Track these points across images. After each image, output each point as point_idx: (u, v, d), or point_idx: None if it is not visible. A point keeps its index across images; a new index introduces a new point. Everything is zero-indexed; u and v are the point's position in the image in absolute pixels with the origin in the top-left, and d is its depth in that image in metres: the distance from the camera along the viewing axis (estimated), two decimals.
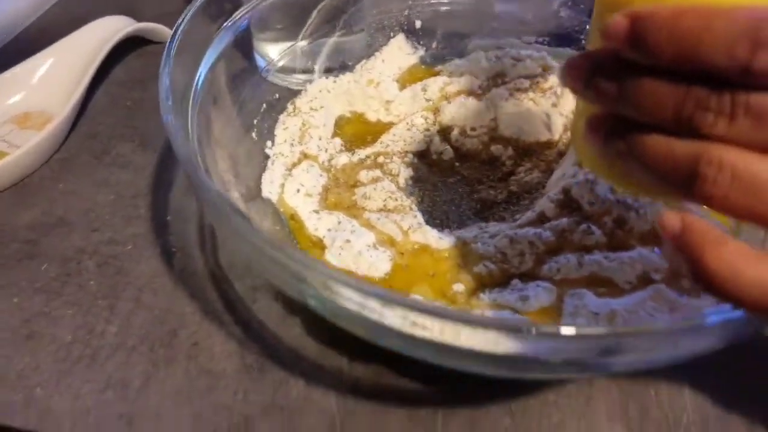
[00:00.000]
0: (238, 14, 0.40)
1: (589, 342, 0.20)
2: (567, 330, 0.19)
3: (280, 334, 0.35)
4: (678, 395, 0.33)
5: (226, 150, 0.33)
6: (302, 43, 0.45)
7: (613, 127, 0.22)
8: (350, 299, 0.22)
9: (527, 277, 0.32)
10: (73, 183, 0.44)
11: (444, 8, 0.47)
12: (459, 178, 0.39)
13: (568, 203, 0.34)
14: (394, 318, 0.21)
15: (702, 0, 0.19)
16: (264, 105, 0.40)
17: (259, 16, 0.42)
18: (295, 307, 0.36)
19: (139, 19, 0.57)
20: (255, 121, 0.39)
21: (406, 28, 0.47)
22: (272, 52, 0.45)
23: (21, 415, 0.32)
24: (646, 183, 0.22)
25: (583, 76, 0.21)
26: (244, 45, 0.40)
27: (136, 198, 0.43)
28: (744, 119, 0.18)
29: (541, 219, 0.34)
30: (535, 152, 0.40)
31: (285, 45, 0.45)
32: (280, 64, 0.45)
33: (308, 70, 0.45)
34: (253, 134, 0.39)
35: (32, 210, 0.42)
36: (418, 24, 0.47)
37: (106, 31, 0.52)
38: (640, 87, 0.20)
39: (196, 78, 0.34)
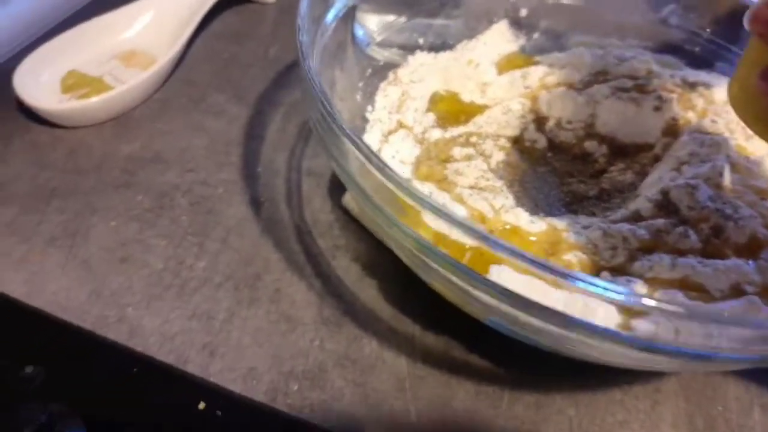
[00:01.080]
0: None
1: None
2: None
3: (357, 293, 0.36)
4: (747, 414, 0.33)
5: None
6: (403, 19, 0.46)
7: None
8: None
9: (617, 271, 0.32)
10: (169, 123, 0.46)
11: (550, 0, 0.47)
12: (549, 168, 0.40)
13: (665, 205, 0.34)
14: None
15: None
16: (369, 69, 0.41)
17: None
18: (372, 269, 0.37)
19: None
20: (360, 84, 0.40)
21: (510, 14, 0.47)
22: (372, 23, 0.46)
23: (113, 329, 0.34)
24: None
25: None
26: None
27: (228, 146, 0.44)
28: None
29: (636, 218, 0.34)
30: (629, 153, 0.40)
31: (386, 18, 0.46)
32: (380, 37, 0.45)
33: (406, 47, 0.46)
34: (358, 96, 0.40)
35: (132, 143, 0.44)
36: (523, 12, 0.47)
37: None
38: None
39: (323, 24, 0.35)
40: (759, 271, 0.31)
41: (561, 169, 0.39)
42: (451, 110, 0.43)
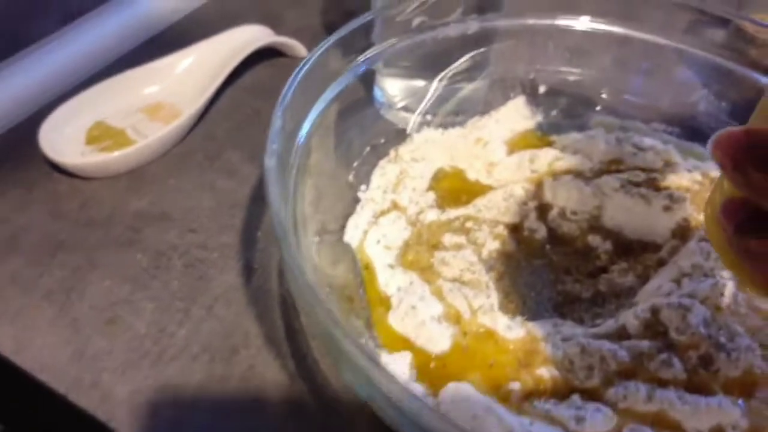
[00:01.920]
0: (369, 53, 0.40)
1: None
2: None
3: (330, 378, 0.36)
4: None
5: (317, 183, 0.33)
6: (422, 83, 0.45)
7: (749, 219, 0.19)
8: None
9: (589, 395, 0.30)
10: (182, 180, 0.47)
11: (572, 77, 0.45)
12: (546, 262, 0.38)
13: (654, 325, 0.31)
14: None
15: None
16: (368, 148, 0.41)
17: (389, 54, 0.43)
18: None
19: (279, 29, 0.59)
20: (355, 164, 0.40)
21: (528, 91, 0.46)
22: (393, 89, 0.46)
23: (86, 395, 0.34)
24: None
25: (736, 154, 0.19)
26: (360, 85, 0.41)
27: (234, 208, 0.45)
28: None
29: (621, 334, 0.32)
30: (634, 252, 0.37)
31: (408, 84, 0.45)
32: (401, 103, 0.45)
33: (425, 113, 0.45)
34: (350, 176, 0.39)
35: (142, 199, 0.45)
36: (542, 89, 0.46)
37: (245, 39, 0.55)
38: None
39: (311, 114, 0.35)
40: (748, 414, 0.28)
41: (559, 263, 0.37)
42: (454, 188, 0.42)
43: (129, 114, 0.50)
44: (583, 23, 0.42)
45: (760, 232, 0.19)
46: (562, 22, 0.42)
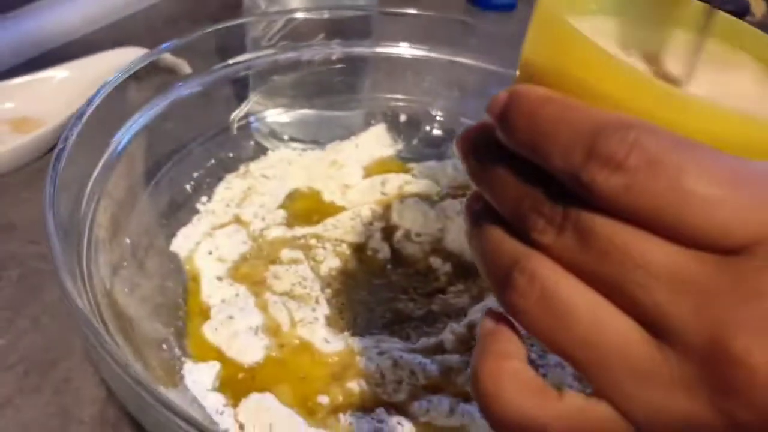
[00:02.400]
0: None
1: None
2: None
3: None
4: None
5: (114, 202, 0.32)
6: (293, 107, 0.45)
7: (479, 208, 0.19)
8: None
9: (395, 408, 0.29)
10: (35, 193, 0.45)
11: (431, 109, 0.46)
12: (385, 281, 0.38)
13: (468, 340, 0.32)
14: None
15: (593, 87, 0.17)
16: (212, 161, 0.40)
17: (259, 75, 0.43)
18: None
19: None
20: (195, 175, 0.39)
21: (389, 119, 0.47)
22: (265, 111, 0.46)
23: None
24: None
25: (465, 145, 0.19)
26: (214, 97, 0.41)
27: None
28: (571, 235, 0.16)
29: (437, 349, 0.32)
30: (473, 275, 0.38)
31: (280, 108, 0.46)
32: (271, 123, 0.45)
33: (296, 138, 0.45)
34: (188, 187, 0.38)
35: None
36: (402, 118, 0.47)
37: (125, 59, 0.54)
38: (494, 171, 0.18)
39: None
40: None
41: (397, 283, 0.37)
42: (307, 208, 0.42)
43: None
44: (442, 55, 0.44)
45: (478, 217, 0.19)
46: (420, 52, 0.44)
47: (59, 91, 0.51)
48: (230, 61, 0.39)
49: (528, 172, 0.17)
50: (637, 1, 0.21)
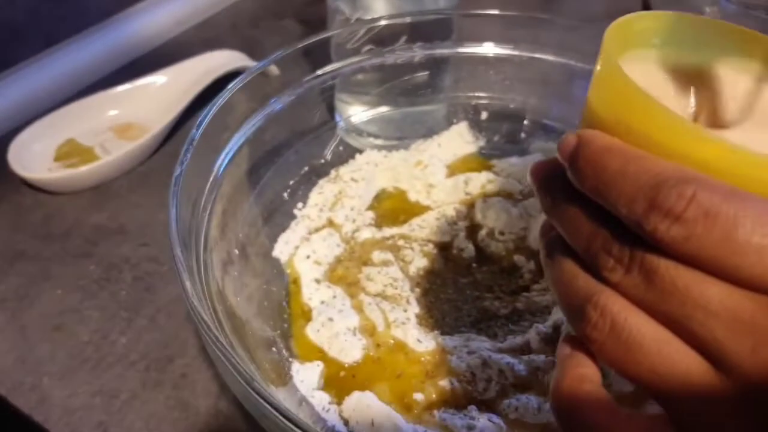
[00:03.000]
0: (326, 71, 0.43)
1: None
2: None
3: None
4: None
5: (222, 211, 0.35)
6: (377, 107, 0.47)
7: (552, 237, 0.22)
8: None
9: (486, 406, 0.31)
10: (143, 197, 0.49)
11: (512, 105, 0.46)
12: (471, 280, 0.39)
13: (554, 340, 0.32)
14: None
15: (653, 139, 0.18)
16: (306, 168, 0.43)
17: (343, 77, 0.45)
18: None
19: (257, 55, 0.61)
20: (291, 182, 0.42)
21: (471, 116, 0.47)
22: (351, 111, 0.48)
23: (24, 397, 0.36)
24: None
25: (538, 180, 0.22)
26: (307, 106, 0.43)
27: None
28: (637, 275, 0.18)
29: (524, 349, 0.33)
30: None
31: (363, 107, 0.47)
32: (357, 122, 0.47)
33: (380, 135, 0.47)
34: (285, 194, 0.41)
35: (102, 213, 0.48)
36: (483, 115, 0.47)
37: (218, 63, 0.58)
38: (565, 209, 0.20)
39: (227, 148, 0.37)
40: None
41: (483, 281, 0.39)
42: (395, 208, 0.43)
43: (99, 133, 0.53)
44: (521, 52, 0.44)
45: (552, 248, 0.21)
46: (503, 51, 0.44)
47: (159, 97, 0.55)
48: (319, 72, 0.41)
49: (597, 211, 0.19)
50: (700, 31, 0.22)
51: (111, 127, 0.53)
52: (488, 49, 0.44)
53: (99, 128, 0.53)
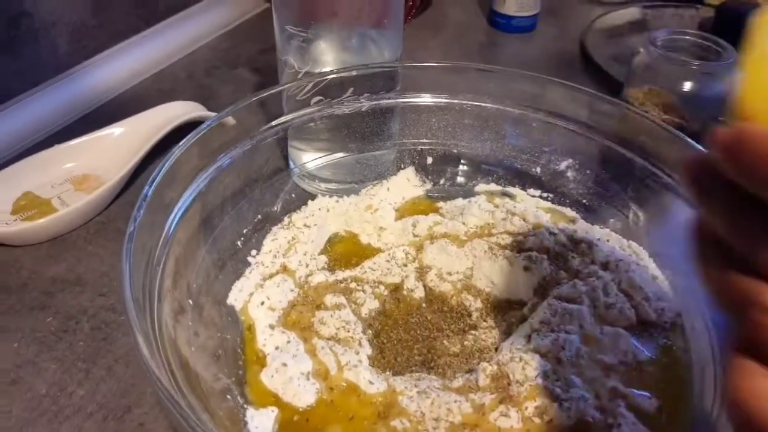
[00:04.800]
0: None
1: None
2: None
3: None
4: None
5: (175, 261, 0.36)
6: (330, 154, 0.49)
7: (705, 236, 0.21)
8: None
9: None
10: (100, 246, 0.50)
11: (455, 150, 0.49)
12: (421, 320, 0.41)
13: (499, 378, 0.34)
14: None
15: None
16: (259, 216, 0.44)
17: (298, 126, 0.47)
18: None
19: (212, 105, 0.63)
20: (245, 230, 0.43)
21: (417, 161, 0.50)
22: (305, 157, 0.49)
23: None
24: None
25: (691, 176, 0.21)
26: (256, 158, 0.44)
27: None
28: None
29: (470, 387, 0.35)
30: (502, 310, 0.41)
31: (319, 153, 0.49)
32: (311, 168, 0.49)
33: (333, 180, 0.49)
34: (239, 242, 0.42)
35: (60, 264, 0.48)
36: (429, 160, 0.50)
37: (174, 113, 0.59)
38: (723, 205, 0.20)
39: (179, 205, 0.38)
40: None
41: (433, 321, 0.41)
42: (347, 252, 0.45)
43: (56, 185, 0.53)
44: (463, 101, 0.47)
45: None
46: (444, 100, 0.47)
47: (116, 148, 0.56)
48: (273, 123, 0.43)
49: (756, 206, 0.19)
50: None
51: (68, 179, 0.54)
52: (428, 98, 0.47)
53: (56, 180, 0.54)
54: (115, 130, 0.57)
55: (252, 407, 0.34)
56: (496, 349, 0.38)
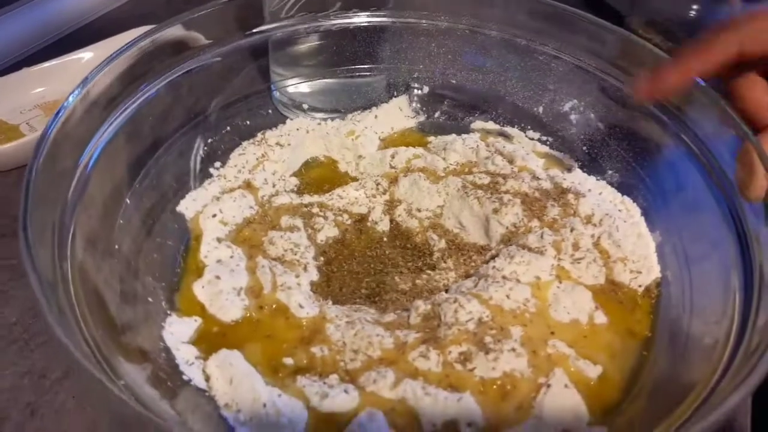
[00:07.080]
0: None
1: None
2: None
3: None
4: None
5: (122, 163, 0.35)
6: (314, 76, 0.46)
7: None
8: None
9: (349, 376, 0.30)
10: None
11: (454, 81, 0.45)
12: (379, 254, 0.38)
13: (431, 318, 0.32)
14: None
15: None
16: (228, 127, 0.42)
17: (280, 45, 0.44)
18: None
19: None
20: (210, 140, 0.41)
21: (410, 90, 0.46)
22: (286, 82, 0.46)
23: None
24: None
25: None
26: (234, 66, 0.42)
27: None
28: None
29: (401, 324, 0.32)
30: (465, 253, 0.37)
31: (301, 78, 0.46)
32: (293, 92, 0.46)
33: (317, 108, 0.46)
34: (201, 152, 0.41)
35: None
36: (426, 89, 0.46)
37: None
38: None
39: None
40: (487, 413, 0.28)
41: (390, 256, 0.38)
42: (321, 177, 0.43)
43: (25, 111, 0.52)
44: (465, 26, 0.43)
45: None
46: (445, 23, 0.43)
47: (85, 73, 0.54)
48: (248, 32, 0.41)
49: None
50: None
51: (38, 105, 0.52)
52: (427, 20, 0.43)
53: (25, 106, 0.52)
54: (86, 54, 0.55)
55: (176, 314, 0.33)
56: (447, 291, 0.35)
